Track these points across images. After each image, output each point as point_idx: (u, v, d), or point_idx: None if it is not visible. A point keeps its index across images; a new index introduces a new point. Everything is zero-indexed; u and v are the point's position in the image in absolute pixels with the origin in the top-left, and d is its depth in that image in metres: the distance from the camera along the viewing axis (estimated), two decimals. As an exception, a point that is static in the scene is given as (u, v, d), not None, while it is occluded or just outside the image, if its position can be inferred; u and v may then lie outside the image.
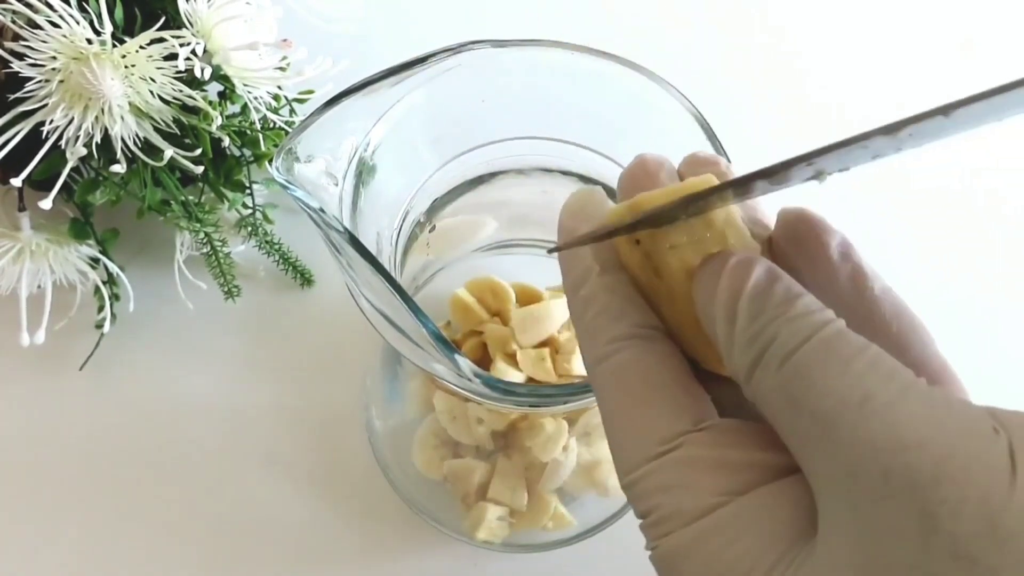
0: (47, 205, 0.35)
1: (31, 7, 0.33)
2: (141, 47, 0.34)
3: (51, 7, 0.33)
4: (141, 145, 0.35)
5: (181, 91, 0.35)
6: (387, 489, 0.39)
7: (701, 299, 0.18)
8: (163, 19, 0.34)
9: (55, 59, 0.33)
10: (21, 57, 0.33)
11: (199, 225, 0.39)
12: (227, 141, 0.38)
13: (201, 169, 0.37)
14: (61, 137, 0.34)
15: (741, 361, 0.17)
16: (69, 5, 0.33)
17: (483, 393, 0.25)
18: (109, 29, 0.33)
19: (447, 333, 0.37)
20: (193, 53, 0.34)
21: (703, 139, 0.27)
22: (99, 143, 0.34)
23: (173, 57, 0.34)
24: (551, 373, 0.35)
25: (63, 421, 0.41)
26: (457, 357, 0.23)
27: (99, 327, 0.40)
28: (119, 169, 0.35)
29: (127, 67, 0.34)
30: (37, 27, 0.33)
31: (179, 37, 0.34)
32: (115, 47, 0.34)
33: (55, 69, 0.33)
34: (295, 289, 0.44)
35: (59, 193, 0.35)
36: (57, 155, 0.35)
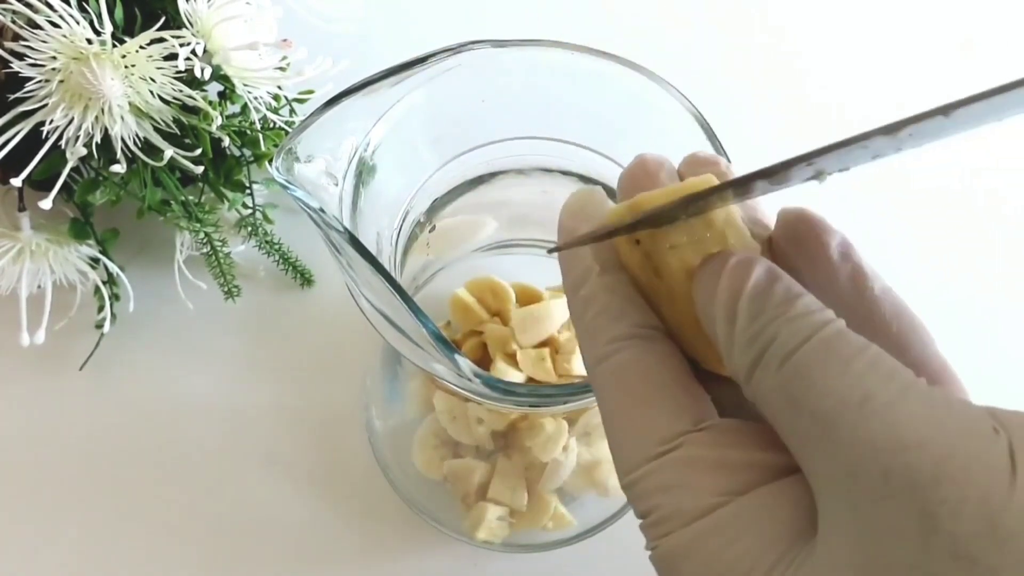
0: (47, 205, 0.35)
1: (31, 7, 0.33)
2: (141, 47, 0.34)
3: (51, 7, 0.33)
4: (141, 145, 0.35)
5: (181, 91, 0.35)
6: (387, 489, 0.39)
7: (701, 299, 0.18)
8: (163, 19, 0.34)
9: (55, 59, 0.33)
10: (21, 57, 0.33)
11: (199, 225, 0.39)
12: (227, 141, 0.38)
13: (201, 169, 0.37)
14: (61, 137, 0.34)
15: (741, 361, 0.17)
16: (69, 5, 0.33)
17: (483, 393, 0.25)
18: (109, 29, 0.33)
19: (447, 333, 0.37)
20: (193, 53, 0.34)
21: (703, 139, 0.27)
22: (99, 143, 0.34)
23: (173, 57, 0.34)
24: (551, 373, 0.35)
25: (63, 421, 0.41)
26: (457, 357, 0.23)
27: (99, 327, 0.40)
28: (119, 169, 0.35)
29: (127, 67, 0.34)
30: (37, 27, 0.33)
31: (179, 37, 0.34)
32: (115, 47, 0.34)
33: (55, 69, 0.33)
34: (295, 289, 0.44)
35: (59, 193, 0.35)
36: (57, 155, 0.35)
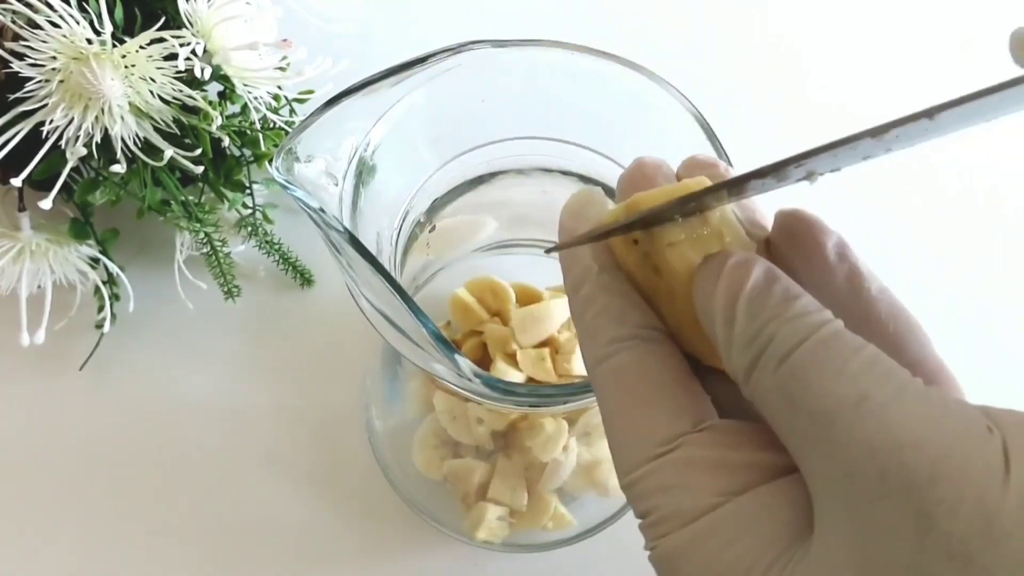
0: (47, 205, 0.35)
1: (31, 7, 0.33)
2: (141, 47, 0.34)
3: (51, 7, 0.33)
4: (141, 145, 0.35)
5: (181, 91, 0.35)
6: (387, 489, 0.39)
7: (700, 299, 0.18)
8: (163, 19, 0.34)
9: (55, 59, 0.33)
10: (21, 57, 0.33)
11: (199, 225, 0.39)
12: (227, 141, 0.38)
13: (201, 169, 0.37)
14: (61, 137, 0.34)
15: (739, 361, 0.17)
16: (69, 5, 0.33)
17: (483, 393, 0.25)
18: (109, 29, 0.33)
19: (447, 333, 0.37)
20: (193, 53, 0.34)
21: (703, 139, 0.27)
22: (99, 143, 0.34)
23: (173, 57, 0.34)
24: (551, 373, 0.35)
25: (63, 421, 0.41)
26: (457, 357, 0.23)
27: (99, 327, 0.40)
28: (119, 169, 0.35)
29: (127, 67, 0.34)
30: (37, 27, 0.33)
31: (179, 37, 0.34)
32: (115, 47, 0.34)
33: (55, 69, 0.33)
34: (295, 289, 0.44)
35: (59, 193, 0.35)
36: (57, 155, 0.35)
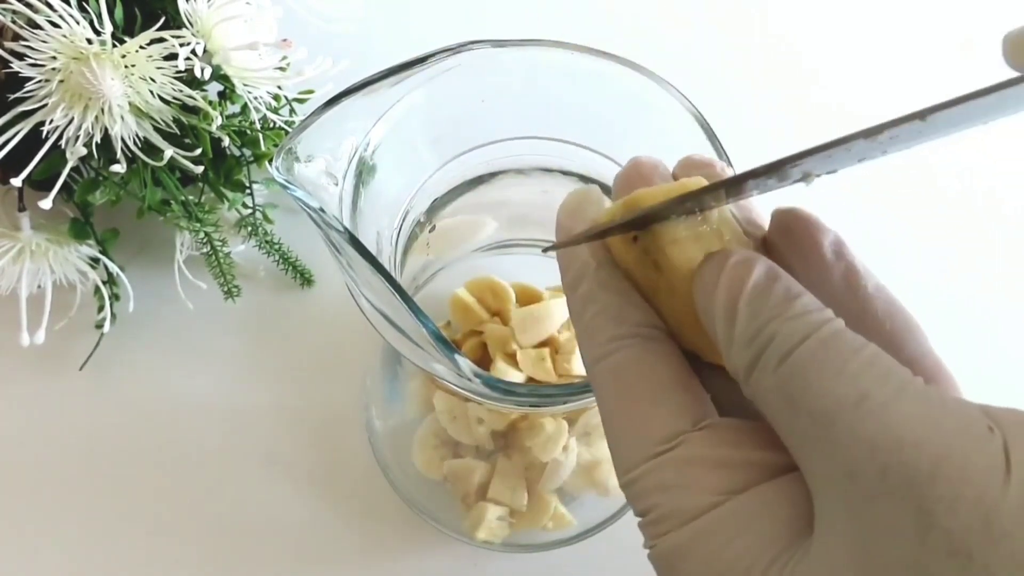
0: (47, 205, 0.35)
1: (31, 7, 0.33)
2: (141, 47, 0.34)
3: (51, 7, 0.33)
4: (141, 145, 0.35)
5: (181, 91, 0.35)
6: (387, 489, 0.39)
7: (701, 297, 0.18)
8: (163, 19, 0.34)
9: (55, 59, 0.33)
10: (21, 57, 0.33)
11: (199, 225, 0.39)
12: (227, 141, 0.38)
13: (201, 169, 0.37)
14: (61, 137, 0.34)
15: (740, 360, 0.17)
16: (69, 5, 0.33)
17: (483, 393, 0.25)
18: (109, 29, 0.33)
19: (447, 333, 0.37)
20: (193, 53, 0.34)
21: (703, 139, 0.27)
22: (99, 143, 0.34)
23: (173, 57, 0.34)
24: (551, 373, 0.35)
25: (63, 421, 0.41)
26: (457, 357, 0.23)
27: (99, 327, 0.40)
28: (119, 169, 0.35)
29: (127, 67, 0.34)
30: (37, 27, 0.33)
31: (179, 37, 0.34)
32: (115, 47, 0.34)
33: (55, 69, 0.33)
34: (295, 289, 0.44)
35: (59, 193, 0.35)
36: (57, 155, 0.35)
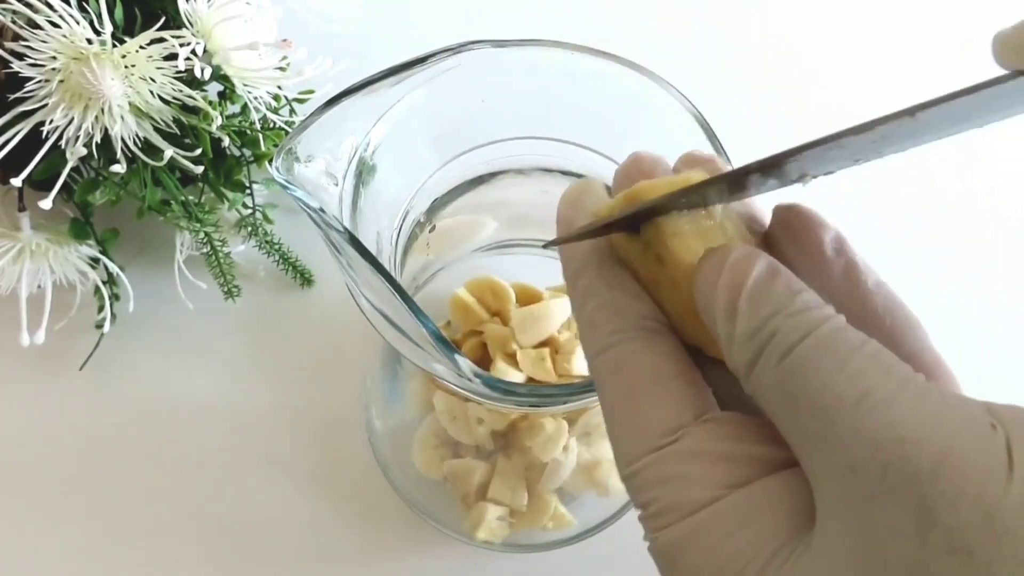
0: (47, 205, 0.35)
1: (31, 7, 0.33)
2: (141, 47, 0.34)
3: (51, 7, 0.33)
4: (141, 145, 0.35)
5: (181, 91, 0.35)
6: (387, 489, 0.39)
7: (701, 293, 0.18)
8: (163, 19, 0.34)
9: (55, 59, 0.33)
10: (21, 57, 0.33)
11: (199, 225, 0.39)
12: (227, 141, 0.38)
13: (201, 169, 0.37)
14: (61, 137, 0.34)
15: (741, 357, 0.17)
16: (69, 5, 0.33)
17: (483, 393, 0.25)
18: (109, 29, 0.33)
19: (447, 333, 0.37)
20: (193, 53, 0.34)
21: (703, 139, 0.27)
22: (99, 143, 0.34)
23: (173, 57, 0.34)
24: (551, 373, 0.35)
25: (63, 421, 0.41)
26: (457, 357, 0.23)
27: (99, 327, 0.40)
28: (119, 169, 0.35)
29: (127, 67, 0.34)
30: (37, 27, 0.33)
31: (179, 37, 0.34)
32: (115, 47, 0.34)
33: (55, 69, 0.33)
34: (295, 289, 0.44)
35: (59, 193, 0.35)
36: (57, 155, 0.35)
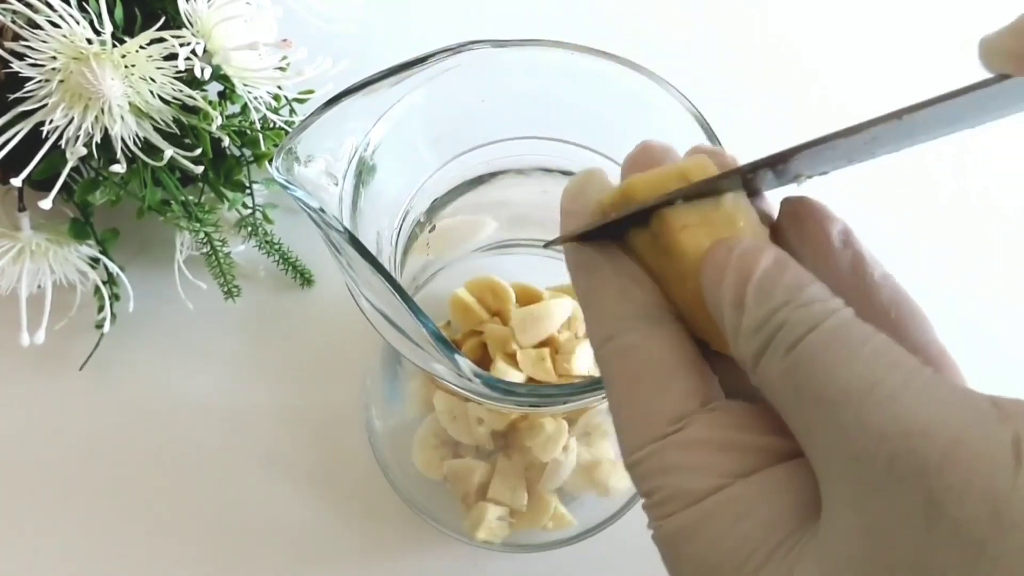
0: (47, 205, 0.35)
1: (31, 7, 0.33)
2: (141, 47, 0.34)
3: (51, 7, 0.33)
4: (141, 145, 0.35)
5: (181, 91, 0.35)
6: (387, 489, 0.39)
7: (708, 285, 0.18)
8: (163, 19, 0.34)
9: (55, 59, 0.33)
10: (21, 57, 0.33)
11: (199, 225, 0.39)
12: (227, 141, 0.38)
13: (201, 169, 0.37)
14: (61, 137, 0.34)
15: (748, 348, 0.17)
16: (69, 5, 0.33)
17: (483, 393, 0.25)
18: (109, 29, 0.33)
19: (447, 333, 0.37)
20: (193, 53, 0.34)
21: (703, 139, 0.27)
22: (99, 143, 0.34)
23: (173, 57, 0.34)
24: (551, 373, 0.35)
25: (63, 421, 0.41)
26: (457, 357, 0.23)
27: (99, 327, 0.40)
28: (119, 169, 0.35)
29: (127, 67, 0.34)
30: (37, 27, 0.33)
31: (179, 37, 0.34)
32: (115, 47, 0.34)
33: (55, 69, 0.33)
34: (295, 289, 0.44)
35: (59, 193, 0.35)
36: (57, 155, 0.35)
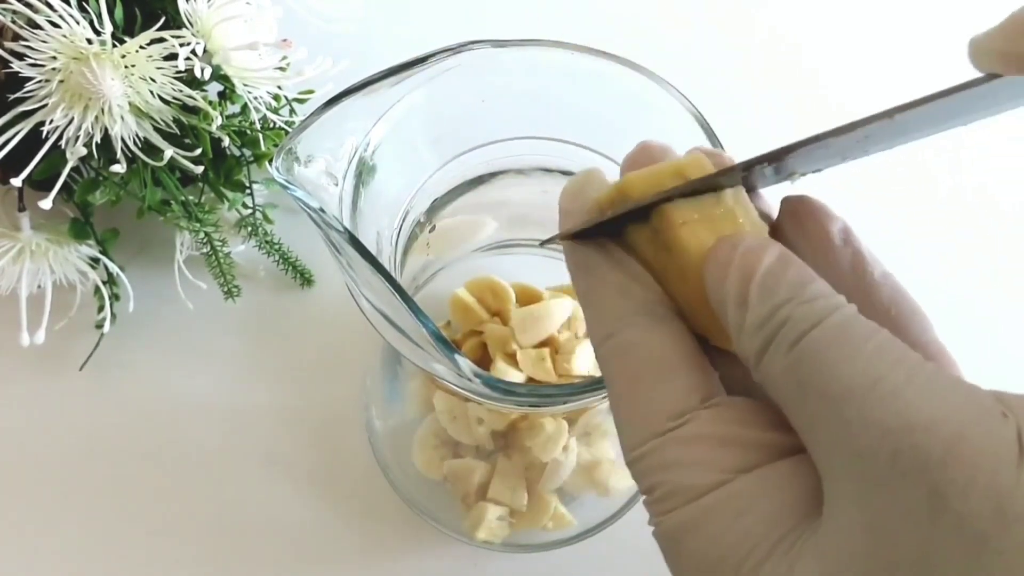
0: (47, 205, 0.35)
1: (31, 7, 0.33)
2: (141, 47, 0.34)
3: (51, 7, 0.33)
4: (141, 145, 0.35)
5: (181, 91, 0.35)
6: (387, 489, 0.39)
7: (712, 282, 0.18)
8: (163, 19, 0.34)
9: (55, 59, 0.33)
10: (21, 57, 0.33)
11: (199, 225, 0.39)
12: (227, 141, 0.38)
13: (201, 169, 0.37)
14: (61, 137, 0.34)
15: (751, 345, 0.17)
16: (69, 5, 0.33)
17: (483, 393, 0.25)
18: (109, 29, 0.33)
19: (447, 333, 0.37)
20: (193, 53, 0.34)
21: (703, 139, 0.27)
22: (99, 143, 0.34)
23: (173, 57, 0.34)
24: (551, 373, 0.35)
25: (63, 421, 0.41)
26: (457, 357, 0.23)
27: (99, 327, 0.40)
28: (119, 169, 0.35)
29: (127, 67, 0.34)
30: (37, 27, 0.33)
31: (179, 37, 0.34)
32: (115, 47, 0.34)
33: (55, 69, 0.33)
34: (295, 289, 0.44)
35: (59, 193, 0.35)
36: (57, 155, 0.35)
